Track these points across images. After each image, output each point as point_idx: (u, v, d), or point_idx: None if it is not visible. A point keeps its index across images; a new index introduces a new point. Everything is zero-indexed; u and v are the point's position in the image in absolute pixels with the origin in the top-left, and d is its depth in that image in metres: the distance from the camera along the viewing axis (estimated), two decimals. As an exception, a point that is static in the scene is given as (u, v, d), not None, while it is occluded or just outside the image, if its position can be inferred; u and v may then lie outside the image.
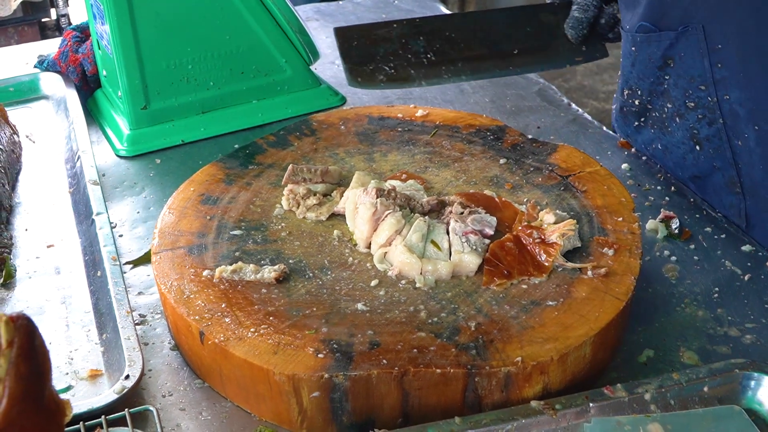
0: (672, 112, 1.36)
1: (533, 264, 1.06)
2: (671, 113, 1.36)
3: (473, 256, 1.06)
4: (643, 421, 0.91)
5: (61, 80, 1.69)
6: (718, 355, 1.06)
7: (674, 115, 1.35)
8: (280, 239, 1.13)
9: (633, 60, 1.38)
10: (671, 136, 1.38)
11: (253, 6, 1.52)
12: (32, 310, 1.15)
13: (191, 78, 1.53)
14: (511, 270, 1.05)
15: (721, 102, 1.26)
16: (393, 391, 0.93)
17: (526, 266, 1.05)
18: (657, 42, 1.31)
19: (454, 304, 1.01)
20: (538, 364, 0.93)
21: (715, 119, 1.28)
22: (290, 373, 0.91)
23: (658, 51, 1.32)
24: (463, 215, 1.12)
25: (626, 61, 1.41)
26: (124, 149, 1.52)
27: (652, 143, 1.44)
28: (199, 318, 0.99)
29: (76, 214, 1.36)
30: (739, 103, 1.24)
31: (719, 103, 1.27)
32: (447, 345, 0.94)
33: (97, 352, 1.08)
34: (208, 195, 1.22)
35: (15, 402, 0.66)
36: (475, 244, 1.07)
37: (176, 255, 1.10)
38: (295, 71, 1.61)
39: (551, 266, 1.05)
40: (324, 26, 2.02)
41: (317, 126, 1.40)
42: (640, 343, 1.08)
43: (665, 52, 1.31)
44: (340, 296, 1.03)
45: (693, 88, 1.29)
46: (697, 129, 1.32)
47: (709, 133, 1.30)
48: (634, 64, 1.38)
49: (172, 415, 0.99)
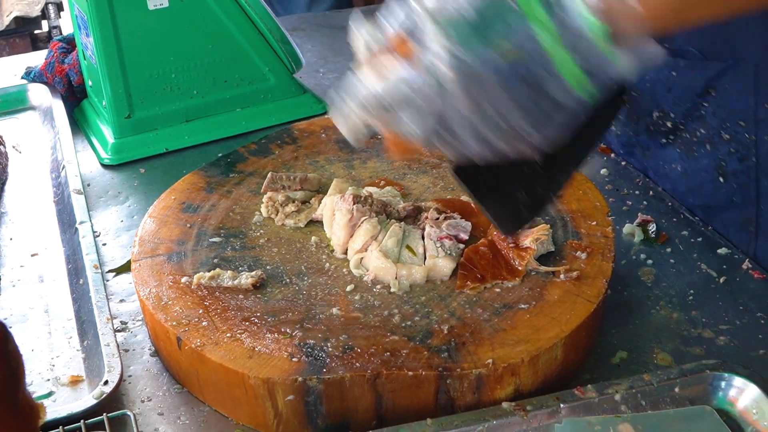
0: (703, 138, 1.28)
1: (507, 268, 1.07)
2: (702, 139, 1.28)
3: (447, 261, 1.07)
4: (613, 421, 0.92)
5: (48, 91, 1.71)
6: (692, 357, 1.07)
7: (705, 141, 1.28)
8: (258, 246, 1.15)
9: (671, 85, 1.29)
10: (695, 162, 1.31)
11: (235, 15, 1.54)
12: (15, 317, 1.17)
13: (174, 87, 1.54)
14: (484, 274, 1.06)
15: (760, 142, 1.20)
16: (366, 393, 0.94)
17: (500, 270, 1.07)
18: (701, 71, 1.23)
19: (428, 308, 1.02)
20: (509, 366, 0.94)
21: (748, 156, 1.22)
22: (265, 377, 0.93)
23: (701, 80, 1.24)
24: (439, 221, 1.13)
25: (661, 86, 1.31)
26: (108, 158, 1.53)
27: (672, 163, 1.36)
28: (177, 324, 1.01)
29: (60, 223, 1.37)
30: None
31: (757, 142, 1.20)
32: (419, 348, 0.96)
33: (79, 359, 1.09)
34: (188, 203, 1.23)
35: (-14, 405, 0.67)
36: (449, 248, 1.09)
37: (155, 262, 1.11)
38: (278, 80, 1.63)
39: (524, 270, 1.07)
40: (309, 36, 2.04)
41: (298, 134, 1.41)
42: (614, 344, 1.09)
43: (708, 81, 1.23)
44: (316, 301, 1.04)
45: (732, 122, 1.22)
46: (726, 162, 1.26)
47: (738, 168, 1.25)
48: (671, 89, 1.30)
49: (150, 420, 1.00)
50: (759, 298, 1.16)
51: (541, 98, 0.77)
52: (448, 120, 0.78)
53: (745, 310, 1.14)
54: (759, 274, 1.20)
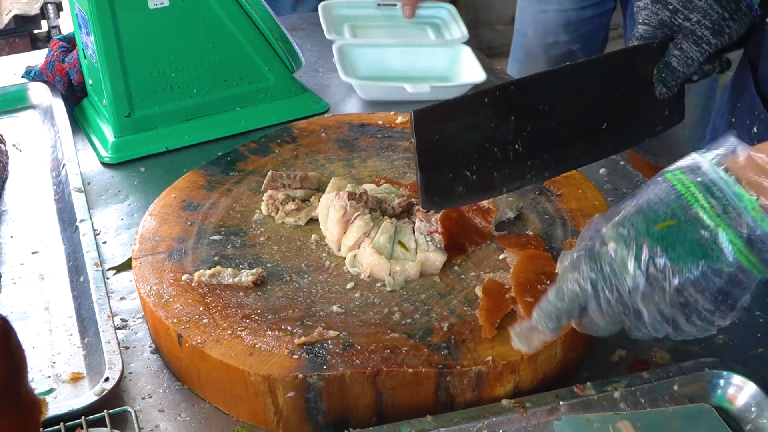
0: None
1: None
2: None
3: (438, 254, 1.08)
4: (612, 418, 0.92)
5: (48, 90, 1.71)
6: (691, 355, 1.07)
7: None
8: (258, 244, 1.15)
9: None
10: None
11: (236, 15, 1.54)
12: (17, 315, 1.17)
13: (175, 86, 1.55)
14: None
15: None
16: (367, 390, 0.94)
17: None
18: None
19: (428, 306, 1.03)
20: (509, 364, 0.94)
21: None
22: (265, 374, 0.93)
23: None
24: (429, 215, 1.14)
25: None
26: (108, 156, 1.54)
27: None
28: (178, 321, 1.01)
29: (60, 221, 1.37)
30: None
31: None
32: (419, 345, 0.96)
33: (79, 356, 1.10)
34: (189, 201, 1.24)
35: (-10, 399, 0.68)
36: (439, 242, 1.10)
37: (156, 260, 1.11)
38: (277, 79, 1.63)
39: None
40: (309, 35, 2.05)
41: (298, 133, 1.42)
42: (612, 343, 1.10)
43: None
44: (316, 299, 1.05)
45: None
46: None
47: None
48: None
49: (151, 417, 1.01)
50: (757, 298, 1.16)
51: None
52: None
53: (743, 309, 1.14)
54: (757, 273, 1.20)
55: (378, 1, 1.99)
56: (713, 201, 0.78)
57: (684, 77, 1.11)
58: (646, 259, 0.79)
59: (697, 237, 0.78)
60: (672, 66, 1.10)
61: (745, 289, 0.81)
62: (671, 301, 0.80)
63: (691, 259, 0.78)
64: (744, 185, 0.78)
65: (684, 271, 0.78)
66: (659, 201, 0.80)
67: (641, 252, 0.79)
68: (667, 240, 0.79)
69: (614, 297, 0.81)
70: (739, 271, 0.79)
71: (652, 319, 0.82)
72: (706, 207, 0.78)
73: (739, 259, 0.78)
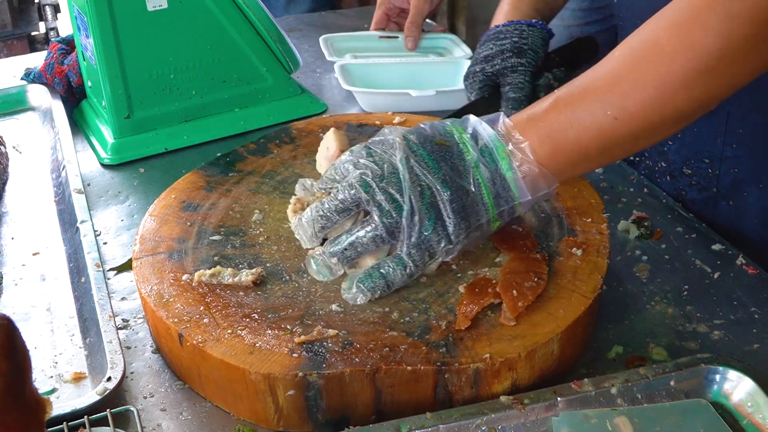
0: (664, 170, 1.35)
1: None
2: (663, 171, 1.35)
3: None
4: (610, 414, 0.93)
5: (47, 92, 1.72)
6: (687, 351, 1.09)
7: (666, 173, 1.35)
8: (258, 244, 1.16)
9: None
10: (656, 186, 1.41)
11: (234, 17, 1.55)
12: (18, 316, 1.18)
13: (174, 87, 1.56)
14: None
15: (723, 175, 1.27)
16: (366, 388, 0.95)
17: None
18: None
19: (426, 304, 1.04)
20: (506, 361, 0.95)
21: (709, 187, 1.29)
22: (266, 372, 0.94)
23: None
24: None
25: None
26: (108, 158, 1.54)
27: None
28: (178, 320, 1.02)
29: (61, 222, 1.38)
30: (745, 171, 1.28)
31: (719, 176, 1.27)
32: (418, 343, 0.97)
33: (81, 356, 1.11)
34: (188, 202, 1.25)
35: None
36: None
37: (156, 260, 1.12)
38: (276, 80, 1.64)
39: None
40: (307, 36, 2.06)
41: (297, 134, 1.42)
42: (609, 339, 1.11)
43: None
44: (316, 298, 1.05)
45: (696, 160, 1.28)
46: (686, 191, 1.33)
47: (697, 197, 1.32)
48: None
49: (153, 416, 1.02)
50: (753, 294, 1.18)
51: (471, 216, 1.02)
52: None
53: (739, 305, 1.16)
54: (753, 269, 1.22)
55: (380, 34, 1.98)
56: (474, 143, 1.02)
57: (525, 98, 1.39)
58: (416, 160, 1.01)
59: (457, 162, 1.01)
60: (510, 97, 1.40)
61: (480, 226, 1.02)
62: (424, 201, 1.00)
63: (450, 175, 1.00)
64: (499, 137, 1.01)
65: (441, 185, 0.99)
66: (443, 130, 1.04)
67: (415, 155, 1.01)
68: (438, 153, 1.01)
69: (378, 182, 1.01)
70: (480, 201, 1.01)
71: (407, 212, 0.99)
72: (468, 145, 1.02)
73: (483, 191, 1.00)
